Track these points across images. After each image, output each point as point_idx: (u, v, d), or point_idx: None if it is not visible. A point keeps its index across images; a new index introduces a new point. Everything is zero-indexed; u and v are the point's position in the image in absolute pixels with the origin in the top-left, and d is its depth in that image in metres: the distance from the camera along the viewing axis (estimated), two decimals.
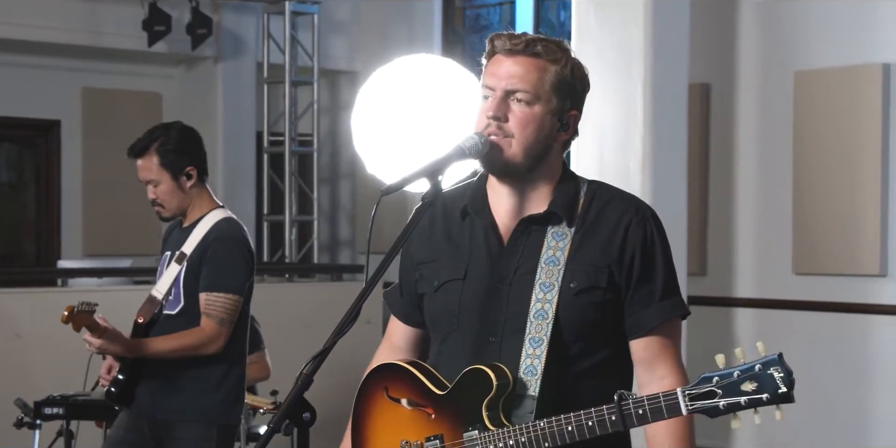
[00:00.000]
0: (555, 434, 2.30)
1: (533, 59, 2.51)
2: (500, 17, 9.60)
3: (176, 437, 4.18)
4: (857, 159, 7.20)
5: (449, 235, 2.63)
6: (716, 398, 2.16)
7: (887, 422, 7.13)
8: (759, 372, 2.15)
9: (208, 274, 4.19)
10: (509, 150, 2.50)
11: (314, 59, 9.43)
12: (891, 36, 7.21)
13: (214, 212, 4.35)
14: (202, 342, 4.13)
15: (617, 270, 2.48)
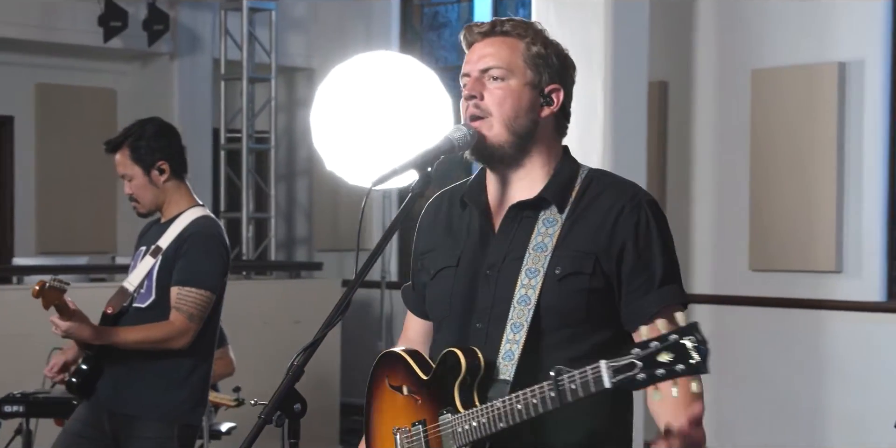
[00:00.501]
0: (508, 413, 2.29)
1: (502, 37, 2.53)
2: (458, 14, 9.61)
3: (136, 436, 4.13)
4: (813, 157, 7.26)
5: (449, 226, 2.64)
6: (636, 370, 2.10)
7: (841, 416, 7.20)
8: (674, 342, 2.07)
9: (182, 268, 4.16)
10: (491, 131, 2.50)
11: (272, 56, 9.40)
12: (847, 35, 7.28)
13: (193, 209, 4.32)
14: (170, 336, 4.09)
15: (605, 258, 2.44)
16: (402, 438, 2.51)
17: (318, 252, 10.14)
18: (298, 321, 7.79)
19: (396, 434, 2.53)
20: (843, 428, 7.22)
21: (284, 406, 2.25)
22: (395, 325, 8.76)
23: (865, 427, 7.09)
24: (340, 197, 9.75)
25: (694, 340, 2.06)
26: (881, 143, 7.19)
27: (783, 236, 7.36)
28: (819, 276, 7.25)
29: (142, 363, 4.16)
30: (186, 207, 4.32)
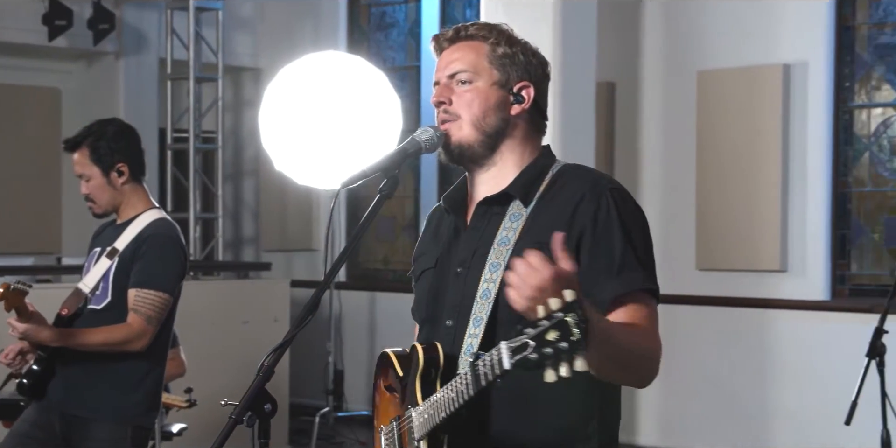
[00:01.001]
0: (445, 403, 2.29)
1: (466, 41, 2.55)
2: (405, 14, 9.61)
3: (88, 437, 4.10)
4: (758, 158, 7.34)
5: (438, 231, 2.66)
6: (529, 349, 2.01)
7: (786, 414, 7.28)
8: (559, 320, 1.99)
9: (140, 271, 4.13)
10: (461, 132, 2.51)
11: (219, 56, 9.35)
12: (791, 37, 7.37)
13: (150, 211, 4.29)
14: (129, 338, 4.06)
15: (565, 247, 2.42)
16: (384, 436, 2.56)
17: (266, 252, 10.12)
18: (247, 321, 7.77)
19: (381, 432, 2.57)
20: (788, 425, 7.30)
21: (255, 406, 2.26)
22: (344, 325, 8.77)
23: (810, 424, 7.18)
24: (288, 197, 9.73)
25: (575, 317, 1.98)
26: (825, 144, 7.29)
27: (729, 236, 7.44)
28: (764, 276, 7.34)
29: (96, 365, 4.12)
30: (143, 209, 4.29)
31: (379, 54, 9.49)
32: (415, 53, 9.48)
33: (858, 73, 7.40)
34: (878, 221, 7.34)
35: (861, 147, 7.38)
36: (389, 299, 9.24)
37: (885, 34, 7.34)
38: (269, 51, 10.02)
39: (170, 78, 9.38)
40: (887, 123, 7.30)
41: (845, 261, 7.39)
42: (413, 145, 2.51)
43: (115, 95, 9.41)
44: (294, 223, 9.92)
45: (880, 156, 7.33)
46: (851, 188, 7.40)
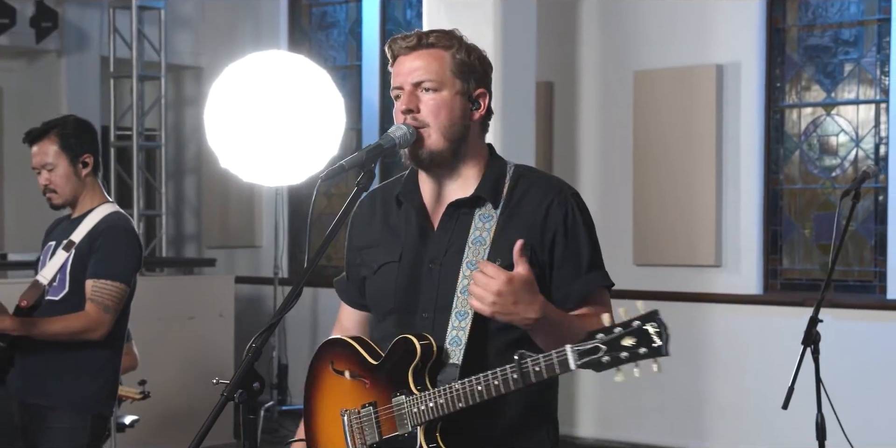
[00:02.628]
0: (467, 394, 2.48)
1: (429, 49, 2.70)
2: (346, 14, 9.72)
3: (48, 426, 4.19)
4: (693, 156, 7.54)
5: (386, 222, 2.80)
6: (600, 353, 2.31)
7: (721, 406, 7.49)
8: (637, 328, 2.29)
9: (97, 261, 4.23)
10: (429, 140, 2.67)
11: (161, 55, 9.41)
12: (723, 38, 7.58)
13: (105, 205, 4.39)
14: (87, 327, 4.16)
15: (539, 248, 2.64)
16: (350, 419, 2.67)
17: (208, 249, 10.19)
18: (193, 317, 7.86)
19: (344, 416, 2.69)
20: (723, 416, 7.50)
21: (245, 384, 2.38)
22: (291, 320, 8.86)
23: (744, 415, 7.39)
24: (230, 194, 9.81)
25: (655, 326, 2.29)
26: (757, 142, 7.51)
27: (665, 232, 7.63)
28: (699, 271, 7.54)
29: (56, 355, 4.22)
30: (98, 203, 4.39)
31: (320, 54, 9.59)
32: (356, 53, 9.59)
33: (789, 73, 7.62)
34: (809, 218, 7.57)
35: (792, 146, 7.61)
36: (332, 295, 9.28)
37: (815, 36, 7.57)
38: (210, 50, 10.10)
39: (112, 76, 9.42)
40: (817, 123, 7.53)
41: (777, 256, 7.62)
42: (388, 141, 2.65)
43: (57, 93, 9.44)
44: (236, 220, 10.00)
45: (810, 154, 7.57)
46: (783, 186, 7.63)
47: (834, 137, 7.50)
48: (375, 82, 9.36)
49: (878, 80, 7.33)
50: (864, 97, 7.39)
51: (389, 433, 2.60)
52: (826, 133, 7.51)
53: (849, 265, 7.40)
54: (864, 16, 7.40)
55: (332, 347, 2.76)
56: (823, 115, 7.52)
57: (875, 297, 7.19)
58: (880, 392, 6.83)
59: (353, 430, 2.67)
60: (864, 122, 7.39)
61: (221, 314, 8.19)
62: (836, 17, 7.50)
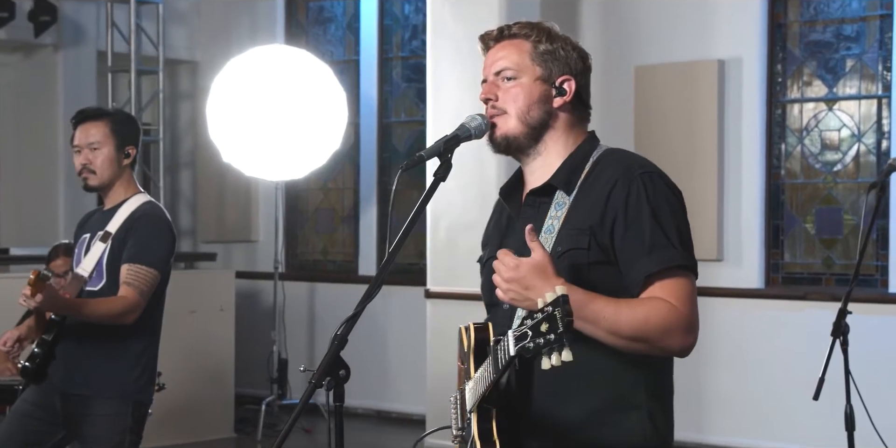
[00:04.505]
0: (482, 380, 2.51)
1: (509, 40, 2.73)
2: (343, 9, 9.72)
3: (90, 414, 4.22)
4: (694, 151, 7.58)
5: (500, 220, 2.83)
6: (528, 339, 2.21)
7: (723, 399, 7.53)
8: (549, 314, 2.18)
9: (132, 246, 4.25)
10: (506, 125, 2.68)
11: (159, 49, 9.39)
12: (725, 33, 7.61)
13: (138, 195, 4.43)
14: (124, 310, 4.17)
15: (599, 231, 2.57)
16: (452, 403, 2.73)
17: (203, 243, 10.18)
18: (194, 311, 7.86)
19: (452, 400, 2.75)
20: (724, 410, 7.54)
21: (331, 372, 2.40)
22: (288, 315, 8.87)
23: (745, 410, 7.43)
24: (226, 189, 9.81)
25: (561, 311, 2.16)
26: (758, 138, 7.54)
27: None
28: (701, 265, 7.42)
29: (95, 344, 4.26)
30: (132, 194, 4.43)
31: (317, 48, 9.59)
32: (353, 47, 9.60)
33: (790, 68, 7.66)
34: (810, 212, 7.61)
35: (793, 140, 7.65)
36: (329, 290, 9.36)
37: (816, 31, 7.61)
38: (206, 44, 10.10)
39: (110, 70, 9.40)
40: (818, 118, 7.57)
41: (778, 250, 7.66)
42: (464, 131, 2.66)
43: (53, 88, 9.41)
44: (232, 214, 10.00)
45: (812, 149, 7.61)
46: (784, 180, 7.67)
47: (835, 132, 7.54)
48: (373, 77, 9.36)
49: (880, 76, 7.37)
50: (866, 92, 7.44)
51: (465, 419, 2.65)
52: (828, 128, 7.56)
53: (850, 259, 7.44)
54: (865, 11, 7.45)
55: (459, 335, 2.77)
56: (825, 110, 7.57)
57: (877, 290, 7.24)
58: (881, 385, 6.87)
59: (453, 415, 2.72)
60: (865, 118, 7.44)
61: (222, 308, 8.20)
62: (837, 12, 7.55)
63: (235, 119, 7.82)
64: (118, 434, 4.22)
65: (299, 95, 7.79)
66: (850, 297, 4.29)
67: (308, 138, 7.83)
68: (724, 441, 7.53)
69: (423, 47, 8.83)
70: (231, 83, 7.85)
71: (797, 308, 7.36)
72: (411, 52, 9.27)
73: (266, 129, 7.71)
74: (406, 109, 9.35)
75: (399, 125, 9.38)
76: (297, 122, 7.77)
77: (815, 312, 7.20)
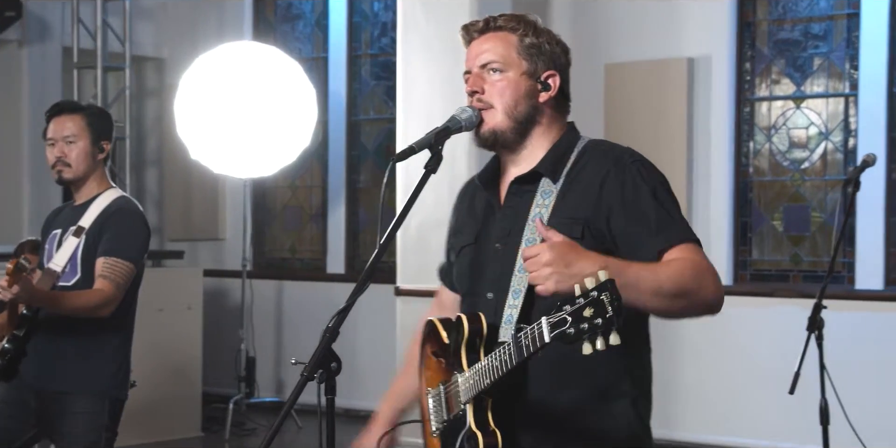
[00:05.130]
0: (490, 370, 2.49)
1: (496, 32, 2.74)
2: (312, 6, 9.69)
3: (67, 411, 4.19)
4: (664, 148, 7.59)
5: (472, 205, 2.84)
6: (567, 325, 2.22)
7: (692, 394, 7.55)
8: (595, 298, 2.19)
9: (108, 240, 4.23)
10: (493, 119, 2.69)
11: (126, 46, 9.33)
12: (695, 32, 7.64)
13: (111, 190, 4.41)
14: (101, 303, 4.14)
15: (594, 222, 2.59)
16: (431, 398, 2.73)
17: (170, 242, 10.12)
18: (162, 309, 7.80)
19: (428, 395, 2.75)
20: (693, 406, 7.57)
21: (324, 364, 2.40)
22: (256, 313, 8.83)
23: (714, 405, 7.46)
24: (192, 186, 9.76)
25: (609, 296, 2.18)
26: (727, 135, 7.58)
27: None
28: None
29: (68, 340, 4.22)
30: (105, 189, 4.41)
31: (286, 45, 9.55)
32: (322, 45, 9.57)
33: (759, 67, 7.70)
34: (778, 209, 7.65)
35: (762, 138, 7.69)
36: (297, 288, 9.33)
37: (785, 30, 7.65)
38: (173, 41, 10.03)
39: (76, 67, 9.33)
40: (786, 116, 7.61)
41: (746, 247, 7.70)
42: (455, 123, 2.67)
43: (18, 84, 9.33)
44: (199, 212, 9.95)
45: (780, 147, 7.65)
46: (752, 178, 7.70)
47: (803, 130, 7.58)
48: (342, 74, 9.34)
49: (848, 74, 7.42)
50: (834, 91, 7.49)
51: (453, 411, 2.64)
52: (795, 126, 7.60)
53: (818, 256, 7.49)
54: (833, 10, 7.49)
55: (428, 330, 2.79)
56: (793, 108, 7.61)
57: (844, 287, 7.28)
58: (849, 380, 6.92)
59: (433, 409, 2.72)
60: (832, 116, 7.48)
61: (189, 307, 8.15)
62: (805, 11, 7.59)
63: (204, 116, 7.78)
64: (94, 431, 4.19)
65: (268, 92, 7.77)
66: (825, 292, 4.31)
67: (277, 136, 7.80)
68: (693, 437, 7.56)
69: (393, 45, 8.82)
70: (199, 80, 7.81)
71: (765, 305, 7.39)
72: (380, 50, 9.26)
73: (234, 127, 7.68)
74: (375, 107, 9.33)
75: (368, 123, 9.36)
76: (266, 120, 7.74)
77: (783, 309, 7.26)
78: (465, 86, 2.78)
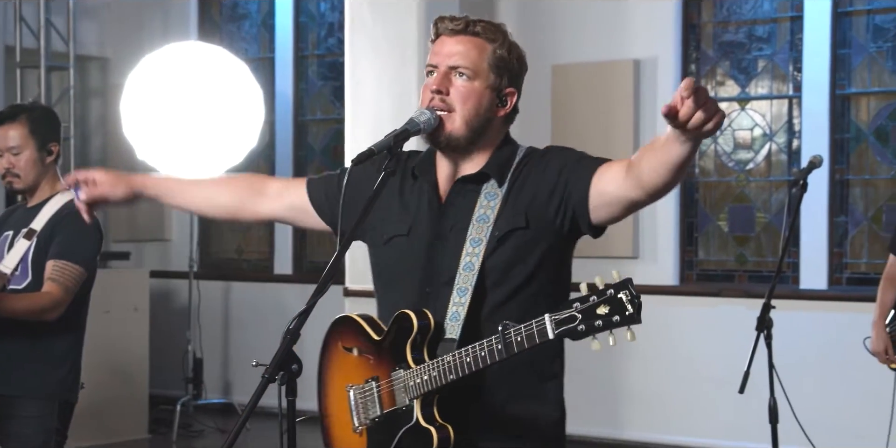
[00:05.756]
0: (457, 366, 2.53)
1: (473, 37, 2.75)
2: (258, 6, 9.65)
3: (16, 415, 4.15)
4: (611, 149, 7.60)
5: (402, 192, 2.84)
6: (576, 322, 2.34)
7: (639, 396, 7.61)
8: (611, 296, 2.32)
9: (59, 243, 4.19)
10: (452, 125, 2.72)
11: (70, 45, 9.24)
12: (640, 33, 7.70)
13: (62, 193, 4.35)
14: (48, 306, 4.10)
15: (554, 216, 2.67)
16: (355, 394, 2.75)
17: (115, 242, 10.04)
18: (108, 311, 7.74)
19: (350, 390, 2.76)
20: (640, 406, 7.62)
21: (285, 366, 2.40)
22: (203, 314, 8.78)
23: (661, 405, 7.52)
24: None
25: (628, 294, 2.31)
26: None
27: None
28: (618, 262, 7.64)
29: (18, 343, 4.17)
30: (58, 190, 4.35)
31: (232, 45, 9.50)
32: (268, 45, 9.54)
33: (704, 68, 7.77)
34: (723, 210, 7.73)
35: (707, 139, 7.73)
36: (244, 289, 9.30)
37: (729, 32, 7.73)
38: (117, 40, 9.95)
39: (18, 66, 9.23)
40: (731, 117, 7.68)
41: (692, 248, 7.77)
42: (413, 126, 2.69)
43: None
44: (144, 213, 9.87)
45: (725, 148, 7.72)
46: (698, 178, 7.77)
47: (748, 132, 7.66)
48: (289, 75, 9.31)
49: (791, 76, 7.51)
50: (777, 92, 7.57)
51: (390, 407, 2.66)
52: (740, 127, 7.68)
53: (763, 256, 7.58)
54: (776, 13, 7.58)
55: (341, 325, 2.82)
56: (738, 109, 7.68)
57: (789, 287, 7.36)
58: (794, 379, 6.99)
59: (358, 404, 2.73)
60: (776, 117, 7.57)
61: (136, 308, 8.11)
62: (749, 13, 7.67)
63: (150, 116, 7.73)
64: (43, 434, 4.16)
65: (214, 93, 7.73)
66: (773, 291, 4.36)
67: (223, 136, 7.77)
68: (640, 436, 7.62)
69: (340, 45, 8.82)
70: (145, 80, 7.76)
71: (711, 304, 7.46)
72: (327, 50, 9.24)
73: (181, 127, 7.64)
74: (322, 107, 9.31)
75: (315, 123, 9.34)
76: (213, 120, 7.71)
77: (729, 308, 7.33)
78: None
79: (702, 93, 2.30)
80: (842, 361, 6.96)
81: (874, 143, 7.32)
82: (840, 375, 7.01)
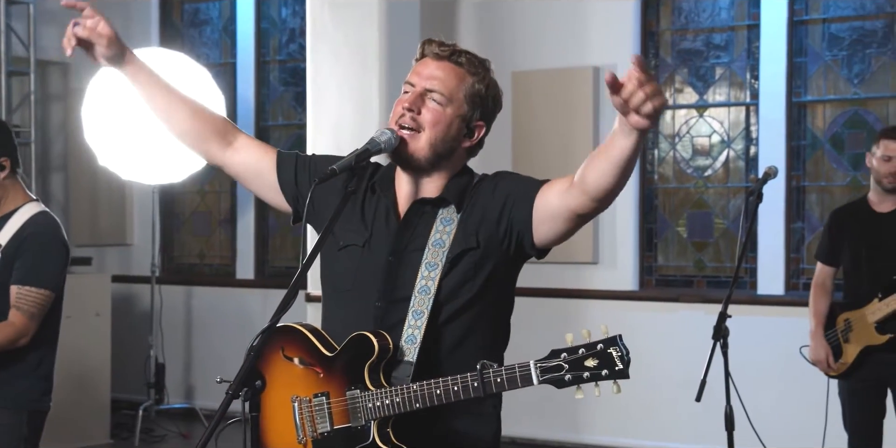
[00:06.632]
0: (425, 396, 2.60)
1: (456, 67, 2.83)
2: (219, 12, 9.66)
3: None
4: (571, 156, 7.71)
5: (363, 203, 2.90)
6: (563, 372, 2.45)
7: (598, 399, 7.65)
8: (601, 350, 2.44)
9: (21, 267, 4.14)
10: (416, 144, 2.80)
11: (30, 50, 9.23)
12: (600, 41, 7.77)
13: (29, 205, 4.28)
14: (13, 337, 4.10)
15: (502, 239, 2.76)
16: (301, 407, 2.77)
17: (76, 247, 10.01)
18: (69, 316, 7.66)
19: (295, 402, 2.78)
20: (600, 411, 7.68)
21: (248, 382, 2.44)
22: (165, 319, 8.79)
23: (620, 410, 7.58)
24: (99, 192, 9.69)
25: (618, 350, 2.44)
26: None
27: None
28: (577, 267, 7.71)
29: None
30: (22, 203, 4.27)
31: (193, 51, 9.51)
32: (230, 50, 9.55)
33: (663, 75, 7.85)
34: (682, 216, 7.81)
35: (666, 146, 7.84)
36: (206, 293, 9.30)
37: (687, 40, 7.81)
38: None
39: None
40: (690, 124, 7.77)
41: (652, 253, 7.84)
42: (374, 145, 2.76)
43: None
44: (106, 218, 9.87)
45: (683, 154, 7.80)
46: (657, 185, 7.85)
47: (706, 138, 7.75)
48: (250, 80, 9.33)
49: (748, 84, 7.60)
50: (735, 100, 7.66)
51: (341, 424, 2.70)
52: (699, 134, 7.76)
53: (721, 262, 7.66)
54: (734, 21, 7.67)
55: (284, 334, 2.83)
56: (696, 116, 7.77)
57: (746, 292, 7.45)
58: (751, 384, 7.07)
59: (304, 417, 2.76)
60: (734, 124, 7.66)
61: (98, 313, 8.10)
62: (707, 21, 7.76)
63: (111, 122, 7.74)
64: (13, 442, 4.14)
65: None
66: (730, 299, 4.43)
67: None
68: (600, 440, 7.68)
69: (301, 51, 8.84)
70: (107, 85, 7.76)
71: (670, 310, 7.54)
72: (289, 56, 9.27)
73: (142, 133, 7.64)
74: (284, 113, 9.33)
75: (276, 129, 9.37)
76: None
77: (688, 314, 7.41)
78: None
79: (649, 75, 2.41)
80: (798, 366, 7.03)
81: (830, 151, 7.42)
82: (796, 380, 7.09)
